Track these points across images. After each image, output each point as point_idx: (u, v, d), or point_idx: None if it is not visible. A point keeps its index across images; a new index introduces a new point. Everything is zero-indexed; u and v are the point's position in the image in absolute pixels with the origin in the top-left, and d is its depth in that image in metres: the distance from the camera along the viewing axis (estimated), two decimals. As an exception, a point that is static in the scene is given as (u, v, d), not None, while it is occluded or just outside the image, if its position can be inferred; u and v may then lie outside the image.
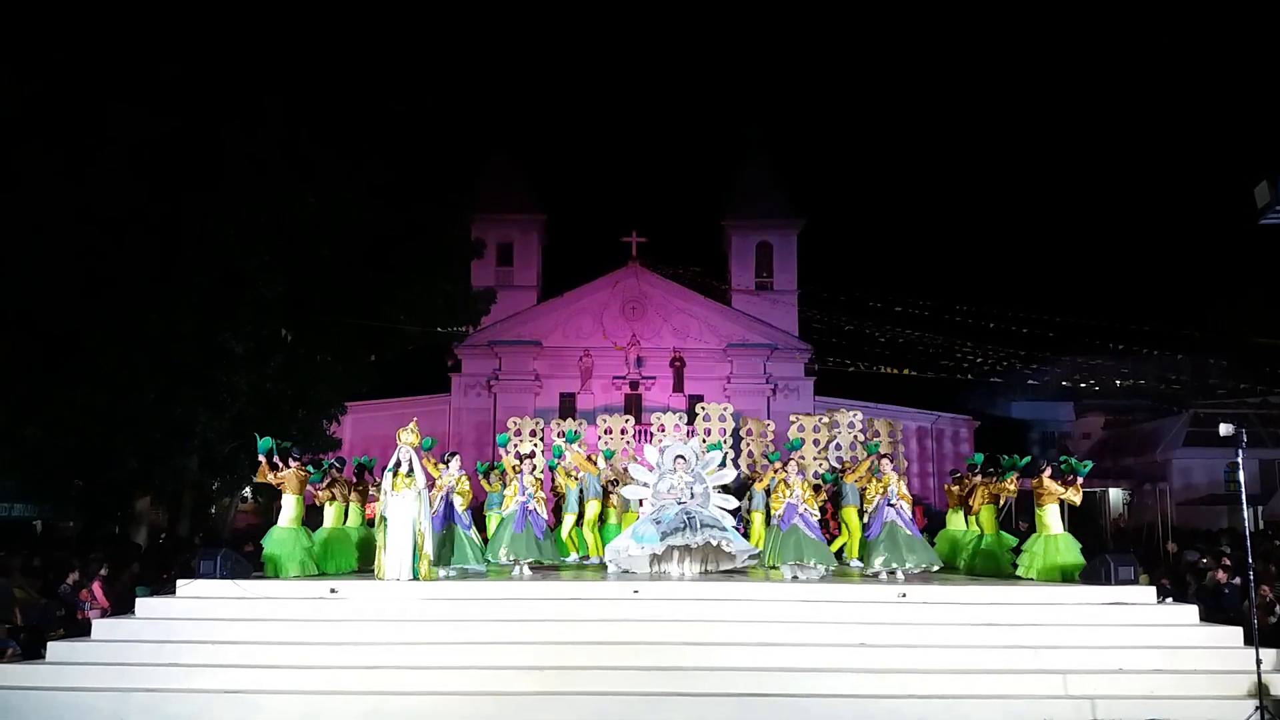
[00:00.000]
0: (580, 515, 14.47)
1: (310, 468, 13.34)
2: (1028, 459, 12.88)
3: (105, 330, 18.99)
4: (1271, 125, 47.00)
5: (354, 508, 13.87)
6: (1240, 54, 62.37)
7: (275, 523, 12.70)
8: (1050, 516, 12.13)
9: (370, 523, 13.80)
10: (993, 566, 12.76)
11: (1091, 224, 68.97)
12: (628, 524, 15.49)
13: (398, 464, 11.75)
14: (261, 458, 12.40)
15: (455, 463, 12.76)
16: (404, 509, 11.56)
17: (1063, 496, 12.10)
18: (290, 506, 12.42)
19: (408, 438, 11.94)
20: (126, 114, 19.25)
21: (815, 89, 74.95)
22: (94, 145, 19.13)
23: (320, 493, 13.16)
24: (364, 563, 13.23)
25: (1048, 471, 12.20)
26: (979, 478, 13.33)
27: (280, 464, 12.50)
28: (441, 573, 12.07)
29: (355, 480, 14.19)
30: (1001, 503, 13.23)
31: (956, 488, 14.02)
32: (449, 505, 12.39)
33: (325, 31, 24.14)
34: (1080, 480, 12.22)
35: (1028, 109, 71.66)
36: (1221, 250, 52.79)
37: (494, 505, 15.04)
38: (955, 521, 14.05)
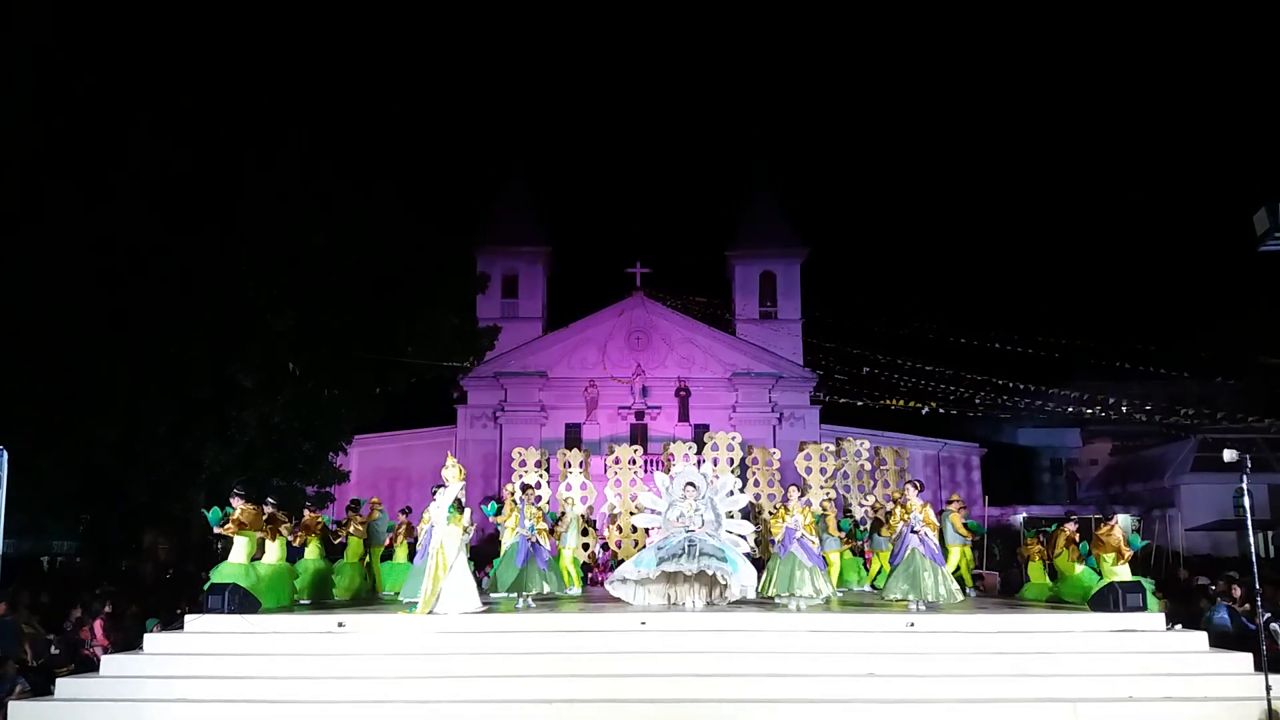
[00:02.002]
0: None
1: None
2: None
3: (120, 362, 19.16)
4: (1272, 150, 47.23)
5: (313, 542, 13.86)
6: (1245, 79, 62.78)
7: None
8: (1118, 564, 12.09)
9: (327, 554, 13.98)
10: (1080, 592, 12.74)
11: (1096, 250, 69.17)
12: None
13: (457, 502, 11.87)
14: (216, 528, 12.17)
15: (442, 496, 12.64)
16: (462, 544, 11.70)
17: (1120, 550, 12.22)
18: (242, 543, 12.22)
19: (457, 472, 12.07)
20: (147, 146, 19.53)
21: (817, 119, 75.53)
22: (114, 178, 19.40)
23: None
24: (317, 596, 13.33)
25: (1116, 522, 12.32)
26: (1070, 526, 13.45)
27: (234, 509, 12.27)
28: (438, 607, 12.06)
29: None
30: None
31: (1038, 546, 14.05)
32: (430, 536, 12.30)
33: (341, 66, 24.60)
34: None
35: (1033, 135, 72.11)
36: (1227, 275, 52.91)
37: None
38: (1036, 573, 14.03)
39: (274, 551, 12.78)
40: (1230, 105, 65.73)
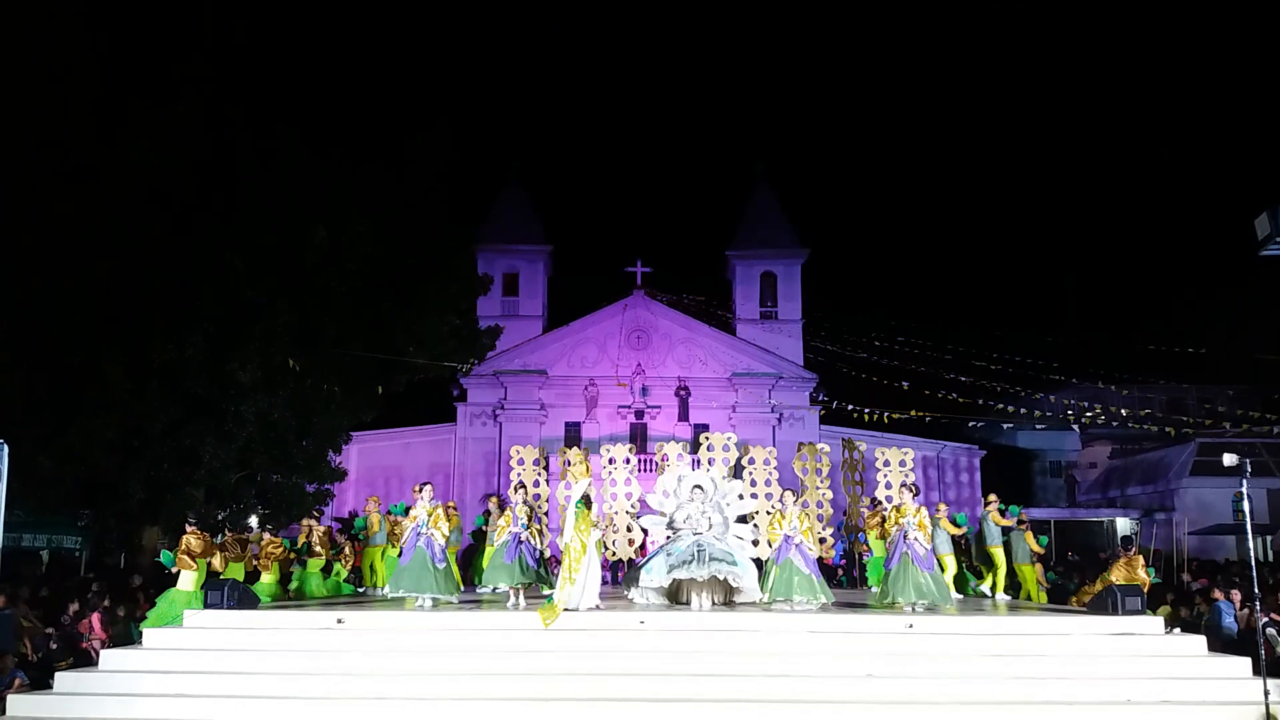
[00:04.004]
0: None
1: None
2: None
3: (120, 361, 19.19)
4: (1273, 154, 47.27)
5: (271, 570, 13.83)
6: (1245, 83, 62.79)
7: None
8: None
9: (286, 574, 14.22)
10: None
11: (1097, 252, 69.19)
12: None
13: (585, 498, 12.01)
14: (170, 570, 12.28)
15: (427, 492, 12.61)
16: (592, 541, 11.83)
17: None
18: (189, 573, 12.16)
19: (585, 469, 12.19)
20: (146, 146, 19.56)
21: (818, 119, 75.53)
22: (114, 177, 19.42)
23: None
24: None
25: (1125, 558, 12.59)
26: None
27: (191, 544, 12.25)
28: (419, 601, 12.05)
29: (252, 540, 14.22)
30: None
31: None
32: (417, 534, 12.30)
33: (340, 66, 24.57)
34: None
35: (1034, 135, 72.12)
36: (1227, 279, 52.91)
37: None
38: None
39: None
40: (1231, 109, 65.77)
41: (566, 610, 11.20)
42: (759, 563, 13.50)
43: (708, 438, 18.63)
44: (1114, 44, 68.12)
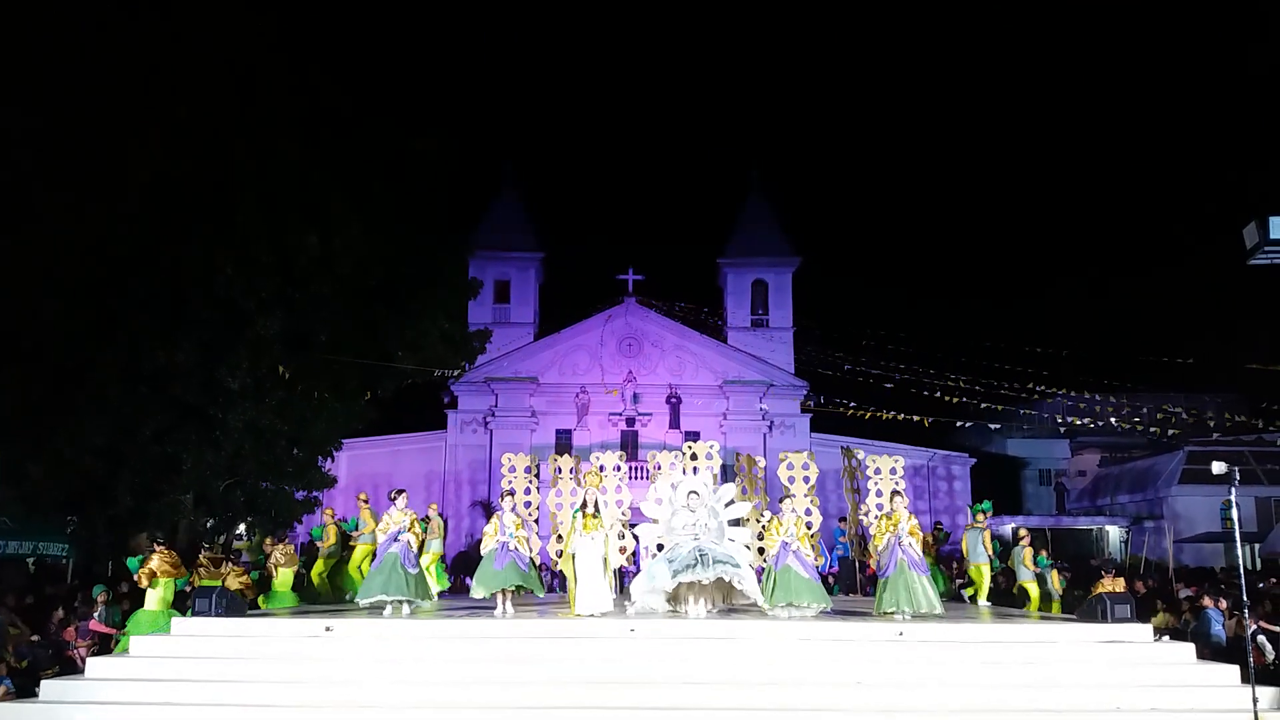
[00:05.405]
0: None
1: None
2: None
3: (110, 367, 19.14)
4: (1261, 164, 47.58)
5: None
6: (1235, 95, 63.22)
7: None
8: None
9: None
10: None
11: (1087, 260, 69.48)
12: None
13: (584, 504, 12.19)
14: (135, 575, 12.29)
15: (401, 500, 12.52)
16: (595, 548, 12.06)
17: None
18: (157, 591, 12.13)
19: (593, 479, 12.45)
20: (140, 153, 19.54)
21: (810, 128, 75.76)
22: (107, 184, 19.40)
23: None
24: None
25: (1112, 574, 12.90)
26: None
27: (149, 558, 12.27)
28: (397, 609, 11.96)
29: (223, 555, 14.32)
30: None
31: None
32: (391, 541, 12.19)
33: (332, 73, 24.46)
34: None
35: (1024, 144, 72.44)
36: (1216, 288, 53.20)
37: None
38: None
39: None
40: (1221, 120, 66.17)
41: (578, 615, 11.68)
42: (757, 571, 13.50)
43: (691, 446, 18.56)
44: (1104, 54, 68.56)
